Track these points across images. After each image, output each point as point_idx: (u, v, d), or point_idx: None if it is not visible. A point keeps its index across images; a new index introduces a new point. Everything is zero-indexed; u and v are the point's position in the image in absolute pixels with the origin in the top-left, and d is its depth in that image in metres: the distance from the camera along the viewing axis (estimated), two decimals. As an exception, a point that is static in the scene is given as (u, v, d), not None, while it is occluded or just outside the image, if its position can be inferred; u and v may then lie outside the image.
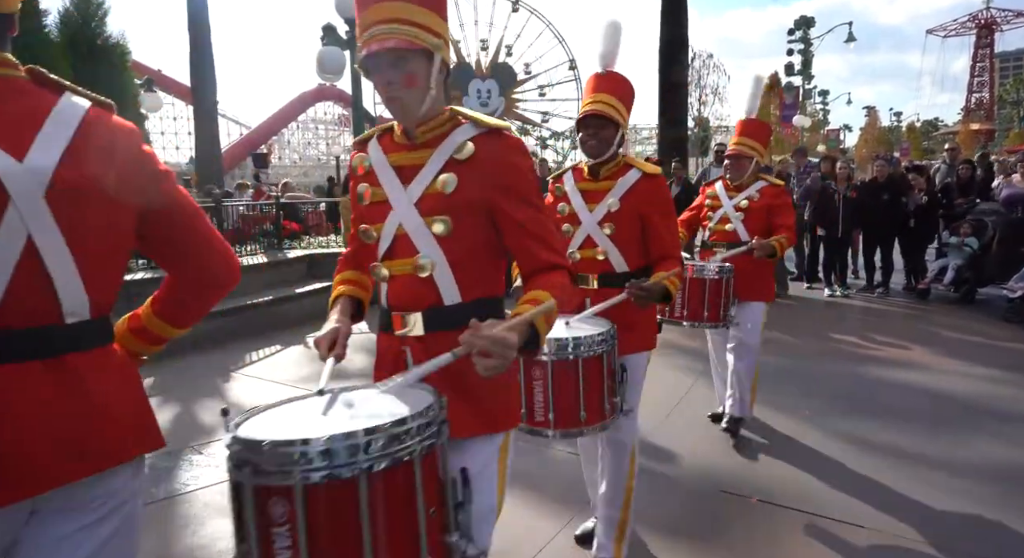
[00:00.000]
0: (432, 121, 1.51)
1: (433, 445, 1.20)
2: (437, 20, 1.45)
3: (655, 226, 2.47)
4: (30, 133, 1.15)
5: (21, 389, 1.13)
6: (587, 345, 2.09)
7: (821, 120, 41.85)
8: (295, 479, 1.06)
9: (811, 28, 29.52)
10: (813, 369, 5.34)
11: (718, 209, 3.79)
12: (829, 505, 3.05)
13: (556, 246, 1.51)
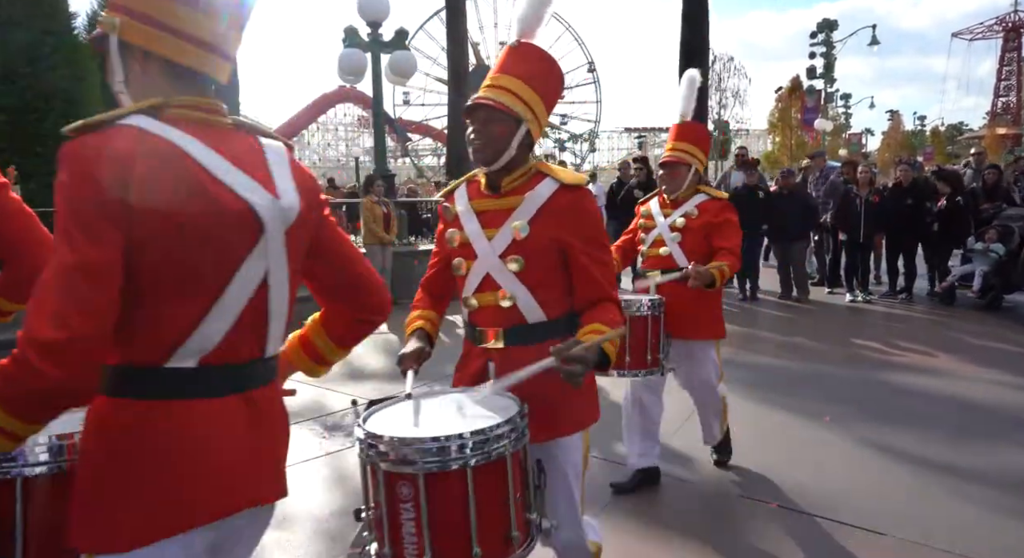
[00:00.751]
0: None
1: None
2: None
3: (579, 258, 1.76)
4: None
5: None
6: (478, 445, 1.44)
7: (843, 124, 41.40)
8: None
9: (834, 31, 29.19)
10: (834, 374, 5.28)
11: (651, 230, 3.19)
12: (851, 512, 3.01)
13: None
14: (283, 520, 3.03)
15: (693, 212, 3.09)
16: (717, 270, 2.85)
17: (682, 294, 2.92)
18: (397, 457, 1.41)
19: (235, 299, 1.15)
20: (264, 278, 1.19)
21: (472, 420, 1.51)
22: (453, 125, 13.95)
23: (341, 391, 4.85)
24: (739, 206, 8.67)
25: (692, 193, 3.14)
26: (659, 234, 3.14)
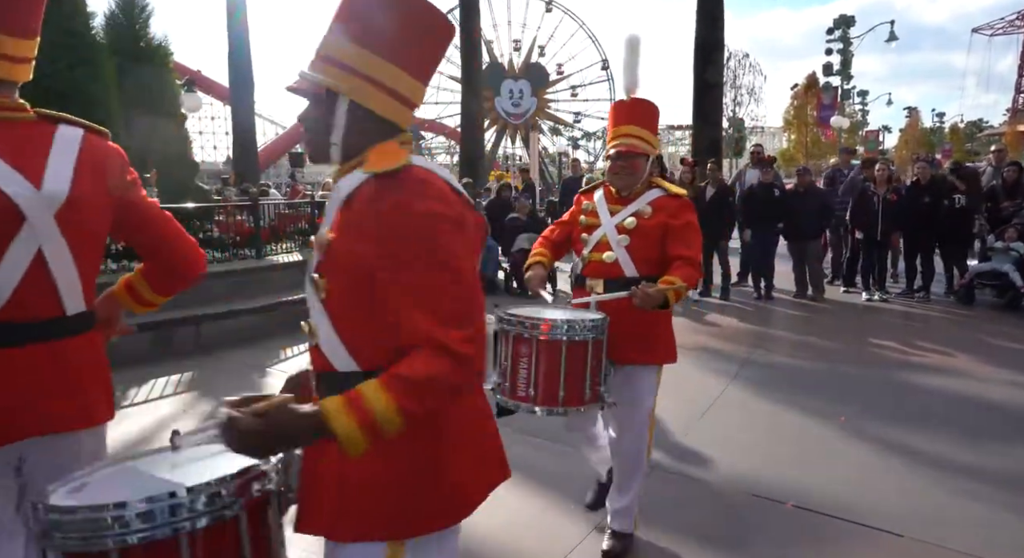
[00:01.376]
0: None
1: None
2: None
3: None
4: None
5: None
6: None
7: (860, 121, 40.94)
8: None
9: (851, 27, 28.90)
10: (850, 374, 5.23)
11: (595, 229, 2.64)
12: (867, 513, 2.98)
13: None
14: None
15: (646, 211, 2.56)
16: (671, 290, 2.31)
17: (628, 310, 2.37)
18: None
19: (8, 273, 1.32)
20: (38, 254, 1.35)
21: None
22: (466, 123, 13.96)
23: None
24: (754, 204, 8.68)
25: (645, 187, 2.63)
26: (604, 235, 2.60)
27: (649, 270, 2.51)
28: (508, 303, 2.57)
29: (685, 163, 8.84)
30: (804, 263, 8.34)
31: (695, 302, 8.14)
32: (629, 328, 2.45)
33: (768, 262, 8.39)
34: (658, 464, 3.53)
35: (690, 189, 8.24)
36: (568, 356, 2.26)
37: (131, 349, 5.69)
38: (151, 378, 5.11)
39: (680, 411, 4.34)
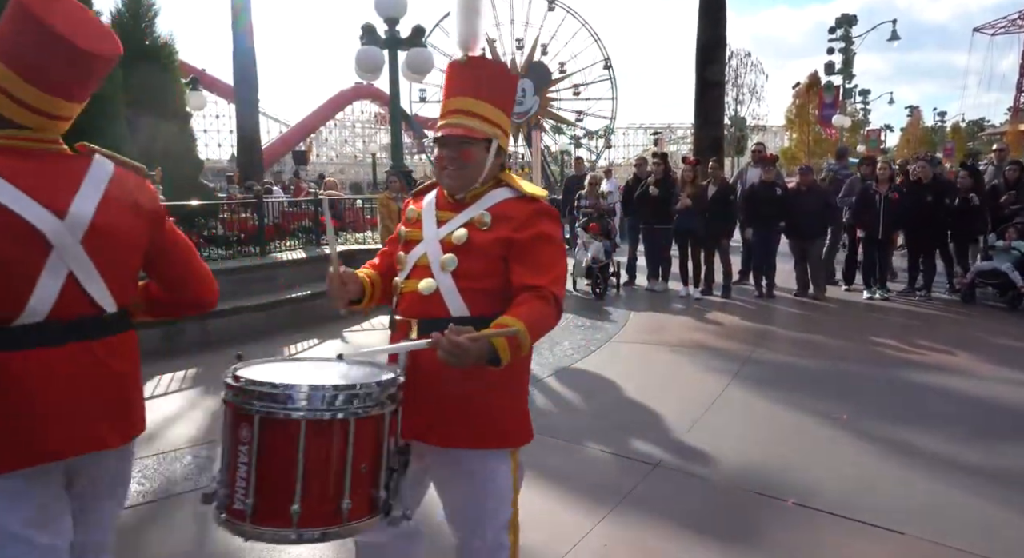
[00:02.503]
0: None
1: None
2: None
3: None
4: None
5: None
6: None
7: (861, 120, 40.90)
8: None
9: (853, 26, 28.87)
10: (852, 372, 5.25)
11: (414, 247, 1.81)
12: (868, 510, 3.01)
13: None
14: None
15: (484, 220, 1.73)
16: (500, 336, 1.52)
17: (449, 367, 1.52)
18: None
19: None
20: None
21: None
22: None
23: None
24: (756, 203, 8.70)
25: (490, 187, 1.79)
26: (424, 254, 1.77)
27: (485, 307, 1.68)
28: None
29: (687, 162, 8.85)
30: (805, 262, 8.37)
31: (696, 300, 8.16)
32: (454, 391, 1.67)
33: (769, 261, 8.40)
34: (660, 461, 3.56)
35: (692, 187, 8.27)
36: (309, 444, 1.43)
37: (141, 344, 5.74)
38: (158, 373, 5.15)
39: (681, 409, 4.37)
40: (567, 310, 7.65)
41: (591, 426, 4.12)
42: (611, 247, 8.81)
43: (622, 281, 9.19)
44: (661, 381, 5.05)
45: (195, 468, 3.56)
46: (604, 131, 39.80)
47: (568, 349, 5.94)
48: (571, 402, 4.63)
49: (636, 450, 3.72)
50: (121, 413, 1.61)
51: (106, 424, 1.56)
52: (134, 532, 2.92)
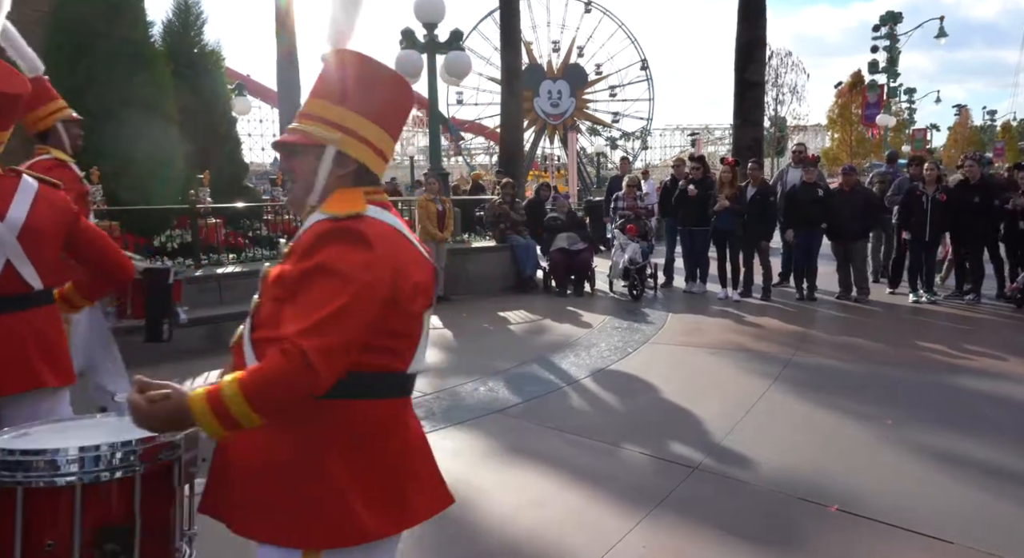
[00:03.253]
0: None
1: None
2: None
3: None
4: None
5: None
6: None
7: (907, 120, 39.77)
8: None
9: (898, 23, 28.09)
10: (896, 377, 5.13)
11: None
12: (915, 518, 2.94)
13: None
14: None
15: (284, 252, 1.48)
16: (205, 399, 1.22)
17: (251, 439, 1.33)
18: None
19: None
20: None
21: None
22: (506, 124, 14.05)
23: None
24: (796, 204, 8.55)
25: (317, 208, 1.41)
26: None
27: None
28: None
29: (725, 163, 8.75)
30: (848, 264, 8.19)
31: (735, 302, 8.06)
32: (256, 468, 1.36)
33: (811, 263, 8.25)
34: (699, 464, 3.54)
35: (730, 189, 8.17)
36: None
37: (186, 343, 5.92)
38: (203, 370, 5.31)
39: (721, 411, 4.33)
40: (605, 312, 7.66)
41: (629, 428, 4.11)
42: (648, 248, 8.76)
43: (659, 283, 9.13)
44: (700, 383, 5.01)
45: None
46: (640, 132, 39.52)
47: (605, 350, 5.94)
48: (608, 403, 4.63)
49: (675, 453, 3.71)
50: (50, 362, 2.16)
51: (39, 367, 2.11)
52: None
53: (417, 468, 1.43)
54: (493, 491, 3.31)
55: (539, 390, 4.86)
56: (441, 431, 4.08)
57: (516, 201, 9.95)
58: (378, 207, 1.39)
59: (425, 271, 1.41)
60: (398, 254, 1.35)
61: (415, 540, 2.84)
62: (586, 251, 8.93)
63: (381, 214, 1.38)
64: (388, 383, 1.39)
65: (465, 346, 6.31)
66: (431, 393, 4.78)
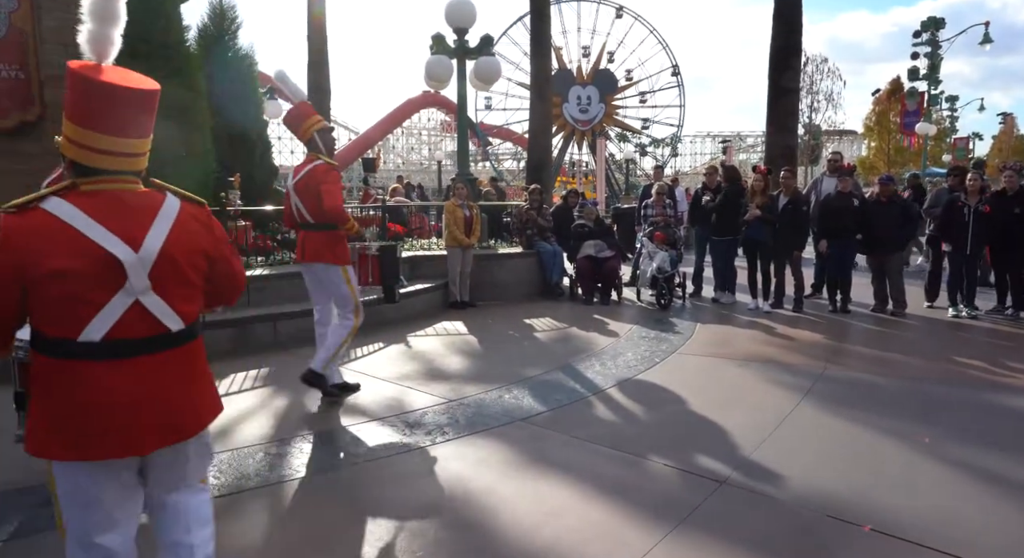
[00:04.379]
0: None
1: None
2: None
3: None
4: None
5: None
6: None
7: (948, 128, 38.83)
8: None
9: (940, 29, 27.44)
10: (934, 393, 4.97)
11: None
12: (951, 541, 2.82)
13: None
14: (362, 513, 3.14)
15: None
16: None
17: None
18: None
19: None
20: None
21: None
22: (534, 129, 14.01)
23: (422, 390, 4.97)
24: (830, 214, 8.38)
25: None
26: None
27: None
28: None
29: (757, 171, 8.60)
30: (884, 276, 7.98)
31: (766, 314, 7.91)
32: None
33: (845, 274, 8.07)
34: (727, 478, 3.46)
35: (761, 197, 8.03)
36: None
37: (213, 345, 5.98)
38: (231, 372, 5.36)
39: (750, 425, 4.23)
40: (632, 321, 7.57)
41: (655, 439, 4.04)
42: (677, 257, 8.65)
43: (688, 292, 9.00)
44: (728, 396, 4.90)
45: (266, 463, 3.67)
46: (670, 139, 39.21)
47: (632, 360, 5.85)
48: (634, 414, 4.56)
49: (701, 466, 3.62)
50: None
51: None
52: (208, 523, 3.04)
53: (91, 418, 1.72)
54: (516, 501, 3.26)
55: (564, 399, 4.81)
56: (465, 438, 4.05)
57: (543, 207, 9.91)
58: (60, 198, 1.72)
59: (77, 259, 1.68)
60: (36, 244, 1.66)
61: (436, 545, 2.81)
62: (613, 259, 8.86)
63: (57, 205, 1.70)
64: (63, 347, 1.71)
65: (490, 353, 6.28)
66: (455, 399, 4.75)
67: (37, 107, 7.78)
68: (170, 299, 1.83)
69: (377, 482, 3.47)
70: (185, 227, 1.88)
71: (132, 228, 1.77)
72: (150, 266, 1.77)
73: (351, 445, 3.96)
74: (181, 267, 1.85)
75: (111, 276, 1.73)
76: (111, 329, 1.73)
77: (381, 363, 5.80)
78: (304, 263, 4.58)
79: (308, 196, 4.47)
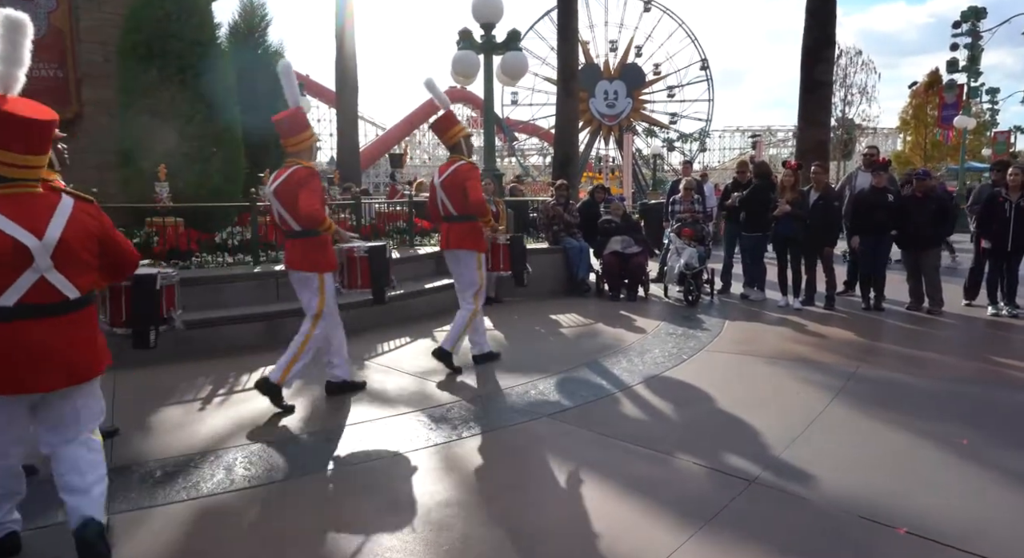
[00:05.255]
0: None
1: None
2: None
3: None
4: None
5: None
6: None
7: (988, 121, 37.73)
8: None
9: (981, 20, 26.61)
10: (972, 394, 4.83)
11: None
12: (991, 545, 2.74)
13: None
14: (390, 506, 3.15)
15: None
16: None
17: None
18: None
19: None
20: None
21: None
22: (560, 125, 13.94)
23: (447, 384, 4.99)
24: (864, 209, 8.19)
25: None
26: None
27: None
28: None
29: (787, 166, 8.44)
30: (920, 273, 7.79)
31: (796, 311, 7.77)
32: None
33: (878, 271, 7.89)
34: (756, 477, 3.40)
35: (792, 193, 7.88)
36: None
37: (242, 339, 6.08)
38: (260, 365, 5.43)
39: (780, 424, 4.16)
40: (659, 317, 7.51)
41: (682, 437, 3.99)
42: (705, 253, 8.54)
43: (716, 289, 8.89)
44: (758, 394, 4.82)
45: (294, 457, 3.71)
46: (699, 134, 38.77)
47: (659, 357, 5.80)
48: (661, 411, 4.51)
49: (730, 464, 3.57)
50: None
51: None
52: (238, 515, 3.08)
53: (5, 362, 2.32)
54: (542, 497, 3.25)
55: (590, 395, 4.78)
56: (491, 434, 4.05)
57: (570, 203, 9.86)
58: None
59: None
60: None
61: (462, 540, 2.81)
62: (640, 255, 8.78)
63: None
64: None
65: (516, 348, 6.27)
66: (481, 395, 4.75)
67: (75, 105, 7.97)
68: (68, 274, 2.41)
69: (403, 476, 3.49)
70: (78, 219, 2.47)
71: (36, 222, 2.36)
72: (52, 250, 2.36)
73: (376, 439, 3.98)
74: (76, 250, 2.43)
75: (22, 258, 2.31)
76: (22, 297, 2.33)
77: (407, 358, 5.83)
78: (448, 250, 5.27)
79: (454, 191, 5.12)
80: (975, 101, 30.21)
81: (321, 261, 4.45)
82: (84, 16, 7.78)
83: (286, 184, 4.35)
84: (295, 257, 4.46)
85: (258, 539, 2.89)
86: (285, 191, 4.34)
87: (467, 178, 5.07)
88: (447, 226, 5.30)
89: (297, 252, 4.45)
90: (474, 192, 5.03)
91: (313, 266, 4.43)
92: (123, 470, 3.48)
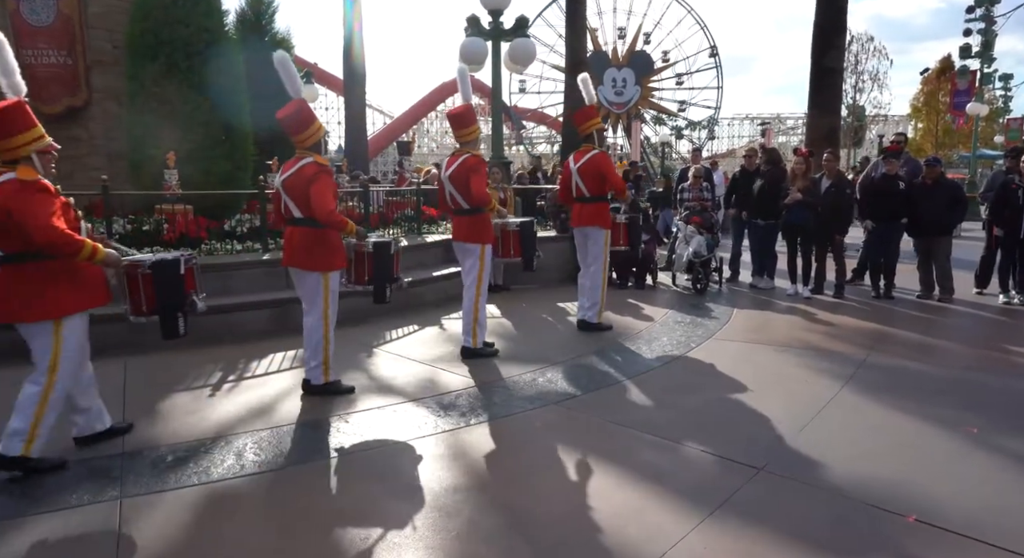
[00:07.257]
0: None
1: None
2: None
3: None
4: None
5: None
6: None
7: (1001, 108, 37.26)
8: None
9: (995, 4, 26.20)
10: (983, 382, 4.80)
11: None
12: (1001, 532, 2.73)
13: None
14: (399, 492, 3.17)
15: None
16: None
17: None
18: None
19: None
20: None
21: None
22: (569, 112, 13.85)
23: (456, 372, 5.00)
24: (875, 197, 8.12)
25: None
26: None
27: None
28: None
29: (798, 153, 8.36)
30: (930, 261, 7.73)
31: (806, 299, 7.74)
32: None
33: (889, 259, 7.83)
34: (764, 465, 3.40)
35: (803, 181, 7.81)
36: None
37: (252, 325, 6.10)
38: (270, 352, 5.46)
39: (789, 412, 4.15)
40: (668, 306, 7.49)
41: (690, 425, 3.99)
42: (714, 241, 8.50)
43: (725, 277, 8.86)
44: (766, 382, 4.81)
45: (303, 443, 3.74)
46: (707, 122, 38.48)
47: (667, 345, 5.79)
48: (669, 399, 4.50)
49: (738, 452, 3.57)
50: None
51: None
52: (249, 500, 3.11)
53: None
54: (551, 484, 3.27)
55: (599, 383, 4.78)
56: (499, 421, 4.07)
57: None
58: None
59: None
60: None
61: (470, 526, 2.83)
62: (648, 243, 8.74)
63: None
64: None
65: (524, 336, 6.28)
66: (489, 382, 4.77)
67: (84, 92, 7.98)
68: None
69: (411, 463, 3.51)
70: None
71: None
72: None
73: (386, 426, 4.00)
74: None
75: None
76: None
77: (415, 345, 5.85)
78: (456, 242, 5.46)
79: (461, 184, 5.25)
80: (988, 88, 29.82)
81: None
82: (93, 3, 7.77)
83: (295, 178, 4.31)
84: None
85: (268, 523, 2.91)
86: (293, 186, 4.31)
87: (472, 171, 5.20)
88: (456, 220, 5.45)
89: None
90: (477, 186, 5.16)
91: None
92: (135, 455, 3.52)
